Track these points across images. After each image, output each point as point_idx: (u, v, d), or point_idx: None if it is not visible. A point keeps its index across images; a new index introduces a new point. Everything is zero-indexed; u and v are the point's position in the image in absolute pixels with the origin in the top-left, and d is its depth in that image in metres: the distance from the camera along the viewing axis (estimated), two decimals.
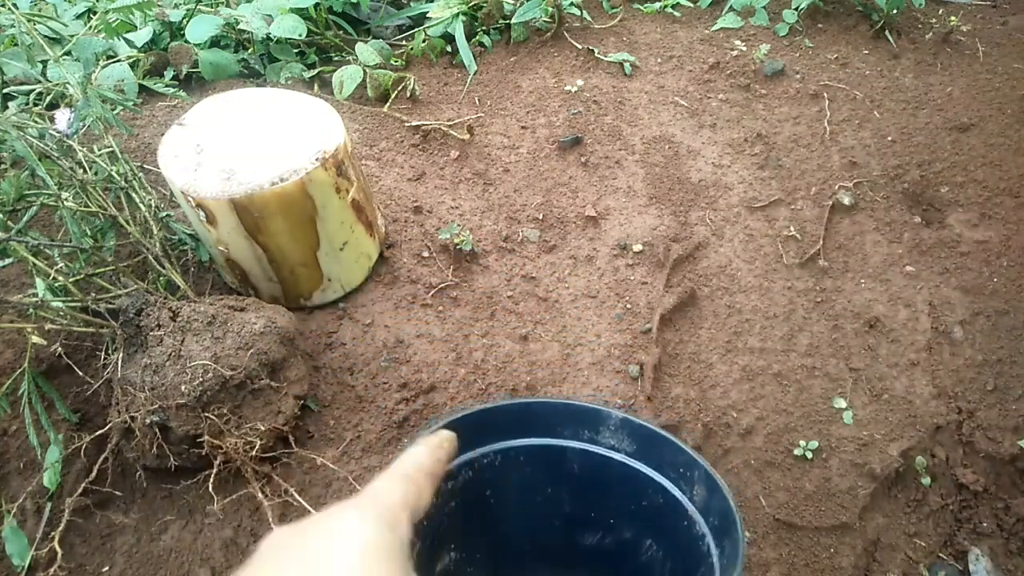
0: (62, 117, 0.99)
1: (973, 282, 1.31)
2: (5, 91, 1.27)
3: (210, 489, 0.91)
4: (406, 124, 1.48)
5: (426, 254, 1.26)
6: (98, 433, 0.94)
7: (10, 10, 1.05)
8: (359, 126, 1.48)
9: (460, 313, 1.20)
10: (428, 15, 1.70)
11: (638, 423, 0.65)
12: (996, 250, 1.34)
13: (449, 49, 1.69)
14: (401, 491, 0.46)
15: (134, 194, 1.04)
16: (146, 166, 1.27)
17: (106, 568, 0.93)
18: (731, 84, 1.62)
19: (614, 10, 1.82)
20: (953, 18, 1.74)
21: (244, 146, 1.00)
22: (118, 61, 1.41)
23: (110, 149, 1.06)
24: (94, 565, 0.94)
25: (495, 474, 0.65)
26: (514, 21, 1.67)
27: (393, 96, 1.54)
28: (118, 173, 1.04)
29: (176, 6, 1.63)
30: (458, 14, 1.66)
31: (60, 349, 0.98)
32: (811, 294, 1.29)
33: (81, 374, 1.01)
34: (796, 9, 1.77)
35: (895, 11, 1.72)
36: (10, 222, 0.99)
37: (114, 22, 1.45)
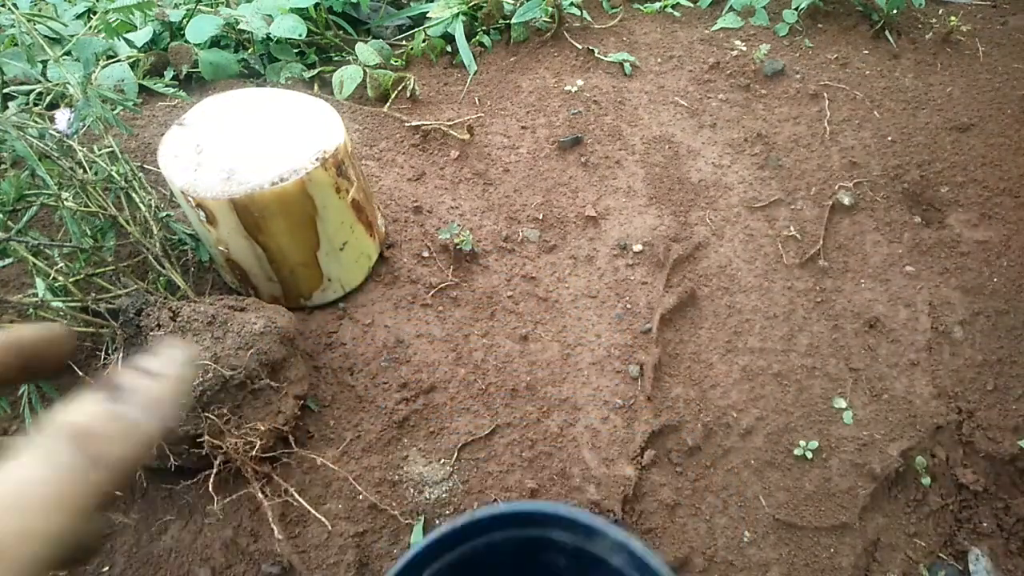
0: (62, 117, 0.99)
1: (973, 282, 1.31)
2: (5, 91, 1.26)
3: (210, 489, 0.91)
4: (406, 124, 1.48)
5: (426, 254, 1.26)
6: None
7: (10, 10, 1.04)
8: (359, 126, 1.48)
9: (460, 313, 1.20)
10: (428, 15, 1.70)
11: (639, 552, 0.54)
12: (996, 250, 1.34)
13: (449, 49, 1.69)
14: None
15: (134, 194, 1.04)
16: (146, 166, 1.27)
17: (106, 568, 0.93)
18: (731, 84, 1.62)
19: (614, 10, 1.82)
20: (953, 18, 1.74)
21: (244, 146, 1.00)
22: (118, 61, 1.41)
23: (110, 149, 1.06)
24: (94, 565, 0.94)
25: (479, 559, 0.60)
26: (514, 21, 1.67)
27: (393, 96, 1.54)
28: (118, 173, 1.04)
29: (176, 6, 1.63)
30: (458, 14, 1.66)
31: None
32: (811, 294, 1.29)
33: (81, 374, 1.00)
34: (796, 9, 1.78)
35: (895, 11, 1.72)
36: (10, 222, 0.99)
37: (114, 22, 1.45)
